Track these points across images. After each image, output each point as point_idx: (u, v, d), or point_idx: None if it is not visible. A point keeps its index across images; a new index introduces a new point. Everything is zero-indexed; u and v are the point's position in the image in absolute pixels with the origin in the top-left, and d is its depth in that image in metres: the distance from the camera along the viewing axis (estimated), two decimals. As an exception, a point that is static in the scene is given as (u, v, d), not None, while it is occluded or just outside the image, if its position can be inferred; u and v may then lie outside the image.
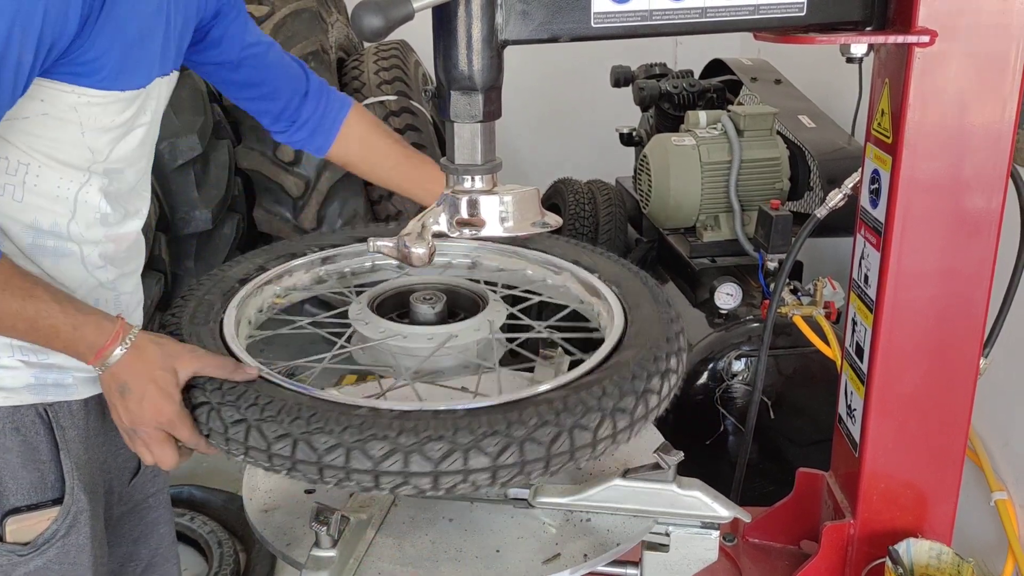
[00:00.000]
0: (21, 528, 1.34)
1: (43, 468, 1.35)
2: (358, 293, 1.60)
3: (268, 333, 1.57)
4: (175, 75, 1.46)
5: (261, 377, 1.26)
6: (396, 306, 1.56)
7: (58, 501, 1.36)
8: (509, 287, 1.66)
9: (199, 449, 1.27)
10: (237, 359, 1.29)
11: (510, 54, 1.25)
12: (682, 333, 1.42)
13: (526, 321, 1.56)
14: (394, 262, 1.68)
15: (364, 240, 1.69)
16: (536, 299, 1.67)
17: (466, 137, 1.27)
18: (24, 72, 1.16)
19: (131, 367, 1.24)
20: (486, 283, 1.64)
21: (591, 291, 1.58)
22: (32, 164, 1.28)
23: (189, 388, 1.26)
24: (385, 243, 1.36)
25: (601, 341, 1.40)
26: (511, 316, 1.54)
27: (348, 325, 1.48)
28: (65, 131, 1.27)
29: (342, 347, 1.46)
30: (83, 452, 1.40)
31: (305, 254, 1.67)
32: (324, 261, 1.69)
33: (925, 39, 1.37)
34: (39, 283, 1.23)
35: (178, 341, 1.31)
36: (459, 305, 1.56)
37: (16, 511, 1.34)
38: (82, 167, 1.32)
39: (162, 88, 1.41)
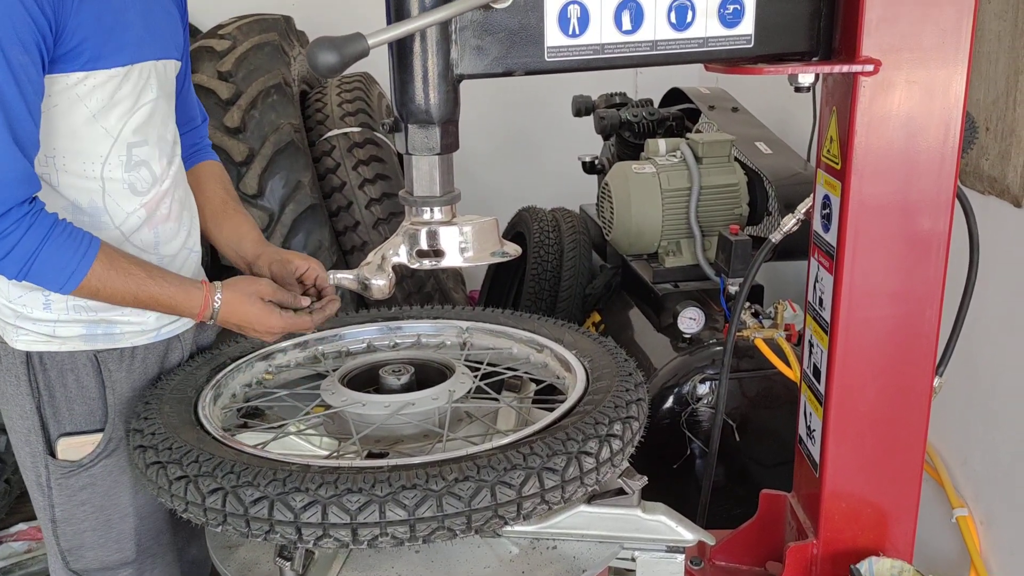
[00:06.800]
0: (70, 447, 1.64)
1: (92, 403, 1.64)
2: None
3: (246, 404, 1.71)
4: (174, 63, 1.68)
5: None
6: (371, 379, 1.65)
7: (102, 430, 1.65)
8: (492, 364, 1.75)
9: (307, 327, 1.64)
10: (202, 426, 1.50)
11: (474, 85, 1.28)
12: (635, 403, 1.50)
13: (492, 394, 1.66)
14: (389, 343, 1.87)
15: (361, 323, 1.88)
16: (509, 374, 1.76)
17: (424, 169, 1.29)
18: (23, 71, 1.35)
19: (232, 313, 1.59)
20: (475, 361, 1.75)
21: (566, 367, 1.66)
22: (58, 153, 1.50)
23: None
24: (345, 275, 1.38)
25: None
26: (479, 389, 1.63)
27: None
28: (75, 116, 1.49)
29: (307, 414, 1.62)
30: (127, 391, 1.66)
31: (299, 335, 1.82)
32: (319, 341, 1.83)
33: (869, 68, 1.41)
34: (133, 262, 1.52)
35: (245, 276, 1.68)
36: (429, 378, 1.63)
37: (68, 435, 1.64)
38: (101, 146, 1.53)
39: (160, 71, 1.62)
